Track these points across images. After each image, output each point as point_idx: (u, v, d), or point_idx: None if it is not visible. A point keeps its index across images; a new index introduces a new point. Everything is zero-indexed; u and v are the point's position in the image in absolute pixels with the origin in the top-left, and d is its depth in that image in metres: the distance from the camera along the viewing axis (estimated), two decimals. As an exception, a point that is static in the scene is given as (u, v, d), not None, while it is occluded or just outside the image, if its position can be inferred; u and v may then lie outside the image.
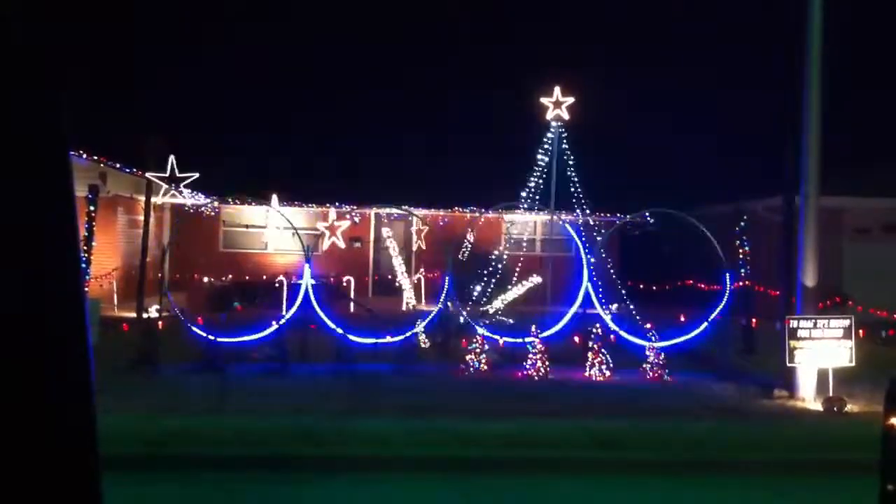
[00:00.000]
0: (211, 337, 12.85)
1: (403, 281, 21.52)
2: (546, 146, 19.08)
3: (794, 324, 11.22)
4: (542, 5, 38.80)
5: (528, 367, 12.79)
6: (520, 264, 20.00)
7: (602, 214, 23.55)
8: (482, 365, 12.89)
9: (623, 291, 17.98)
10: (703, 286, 19.70)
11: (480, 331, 13.62)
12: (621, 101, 31.13)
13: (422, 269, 23.55)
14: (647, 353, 12.95)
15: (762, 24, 26.64)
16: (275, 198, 21.71)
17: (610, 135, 28.24)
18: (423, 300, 22.39)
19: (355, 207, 23.70)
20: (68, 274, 2.30)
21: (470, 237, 20.15)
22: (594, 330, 13.25)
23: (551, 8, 39.33)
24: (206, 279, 22.48)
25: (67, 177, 2.29)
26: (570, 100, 18.83)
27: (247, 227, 25.96)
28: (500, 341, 13.93)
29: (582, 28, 37.12)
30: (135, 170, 18.06)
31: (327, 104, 34.92)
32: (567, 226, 17.80)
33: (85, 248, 15.04)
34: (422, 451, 8.36)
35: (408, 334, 13.74)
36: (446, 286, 14.31)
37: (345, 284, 23.22)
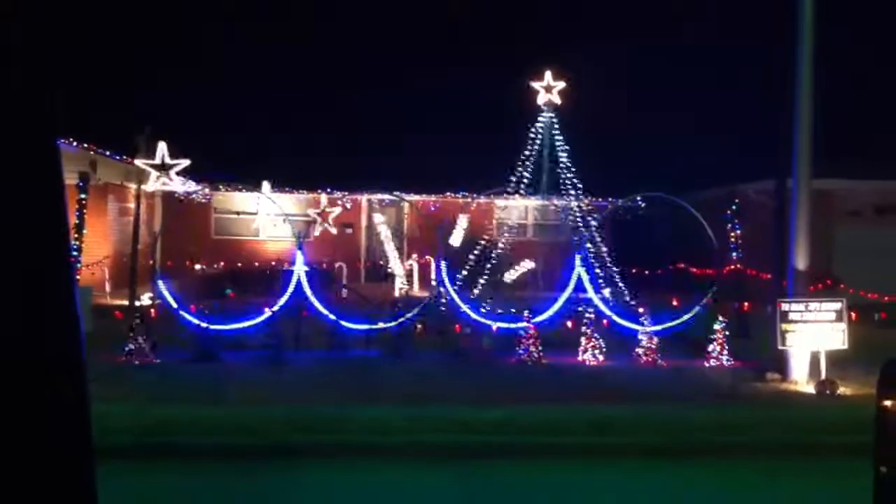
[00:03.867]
0: (203, 324, 12.79)
1: (396, 267, 21.47)
2: (538, 130, 19.04)
3: (785, 307, 11.26)
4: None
5: (521, 352, 12.81)
6: (512, 249, 20.00)
7: (594, 199, 23.54)
8: (476, 351, 12.89)
9: (615, 276, 18.01)
10: (695, 270, 19.76)
11: (474, 316, 13.63)
12: (612, 85, 31.02)
13: (414, 255, 23.55)
14: (641, 337, 12.98)
15: (753, 5, 26.60)
16: (266, 184, 21.63)
17: (601, 119, 28.18)
18: (416, 286, 22.39)
19: (346, 193, 23.64)
20: (58, 268, 2.29)
21: (462, 222, 20.11)
22: (587, 315, 13.28)
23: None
24: (198, 266, 22.41)
25: (57, 172, 2.28)
26: (561, 84, 18.77)
27: (238, 213, 25.88)
28: (494, 326, 13.95)
29: (572, 12, 36.99)
30: (125, 157, 17.96)
31: (318, 90, 34.71)
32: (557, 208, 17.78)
33: (76, 236, 14.97)
34: (418, 437, 8.37)
35: (401, 320, 13.73)
36: (442, 272, 14.31)
37: (337, 271, 23.19)
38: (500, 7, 37.12)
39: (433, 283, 14.65)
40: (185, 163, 18.76)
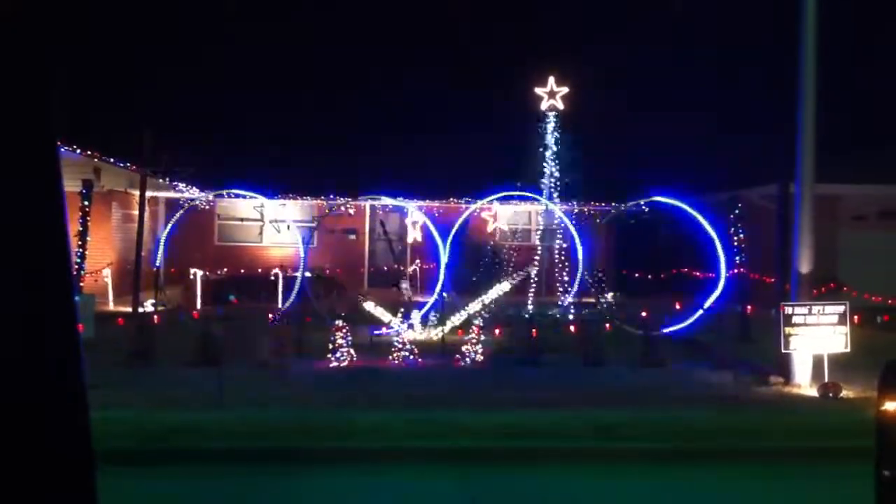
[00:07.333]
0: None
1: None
2: (541, 136, 19.06)
3: (788, 310, 11.24)
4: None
5: (523, 355, 12.79)
6: (514, 254, 20.01)
7: (597, 203, 23.54)
8: (478, 355, 12.86)
9: (619, 280, 17.99)
10: (698, 274, 19.73)
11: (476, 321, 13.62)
12: (616, 89, 31.04)
13: (417, 261, 23.57)
14: (643, 341, 12.96)
15: (758, 10, 26.64)
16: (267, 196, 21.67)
17: (604, 124, 28.19)
18: (420, 291, 22.39)
19: (350, 199, 23.65)
20: (58, 273, 2.29)
21: (465, 227, 20.14)
22: (590, 318, 13.29)
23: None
24: (201, 273, 22.42)
25: (56, 177, 2.28)
26: (565, 90, 18.80)
27: (242, 220, 25.91)
28: (496, 331, 13.95)
29: (575, 15, 37.01)
30: (129, 164, 18.00)
31: (321, 95, 34.76)
32: (562, 215, 17.79)
33: (79, 243, 14.99)
34: (421, 442, 8.37)
35: (404, 325, 13.74)
36: (441, 277, 14.30)
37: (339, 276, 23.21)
38: (505, 10, 37.22)
39: (437, 287, 14.66)
40: (189, 169, 18.80)
